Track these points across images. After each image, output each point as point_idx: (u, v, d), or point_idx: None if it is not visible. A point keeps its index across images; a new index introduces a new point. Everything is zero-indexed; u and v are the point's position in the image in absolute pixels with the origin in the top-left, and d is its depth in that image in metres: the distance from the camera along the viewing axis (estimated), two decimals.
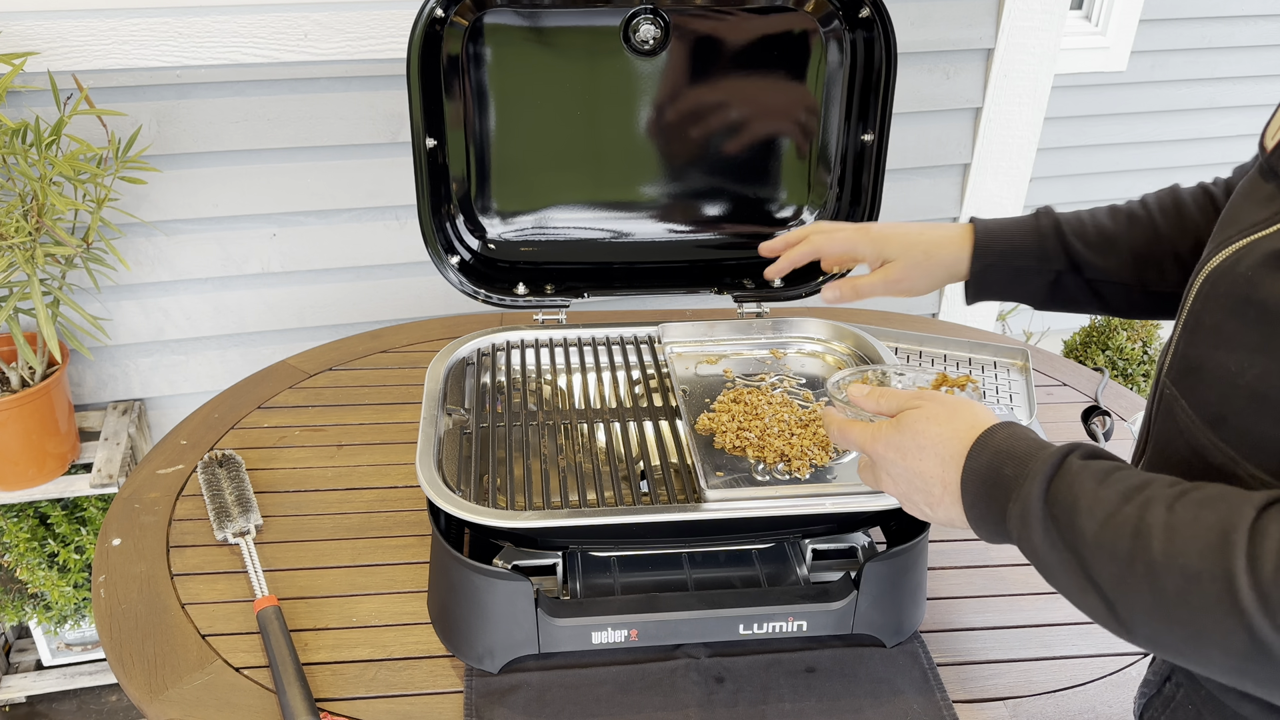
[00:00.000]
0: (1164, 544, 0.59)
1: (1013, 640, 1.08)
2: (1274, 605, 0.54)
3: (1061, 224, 1.04)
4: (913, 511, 0.80)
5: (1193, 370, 0.70)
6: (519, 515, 0.97)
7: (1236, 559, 0.56)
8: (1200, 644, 0.58)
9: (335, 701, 0.97)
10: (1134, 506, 0.62)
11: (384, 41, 1.73)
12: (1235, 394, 0.66)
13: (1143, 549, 0.60)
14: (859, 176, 1.29)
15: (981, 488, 0.72)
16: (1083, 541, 0.63)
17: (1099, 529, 0.63)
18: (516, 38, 1.20)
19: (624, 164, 1.29)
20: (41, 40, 1.61)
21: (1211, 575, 0.56)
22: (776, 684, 0.99)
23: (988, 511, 0.72)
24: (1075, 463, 0.67)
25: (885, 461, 0.80)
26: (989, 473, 0.71)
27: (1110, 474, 0.65)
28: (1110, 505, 0.63)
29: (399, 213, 1.91)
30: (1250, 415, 0.64)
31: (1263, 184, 0.70)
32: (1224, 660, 0.58)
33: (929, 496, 0.77)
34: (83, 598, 1.90)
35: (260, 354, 1.97)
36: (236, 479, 1.23)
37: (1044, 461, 0.68)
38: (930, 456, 0.76)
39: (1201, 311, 0.70)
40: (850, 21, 1.22)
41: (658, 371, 1.26)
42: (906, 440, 0.77)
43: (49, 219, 1.52)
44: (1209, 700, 0.74)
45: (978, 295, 1.08)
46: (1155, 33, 2.96)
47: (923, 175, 2.14)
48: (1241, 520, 0.57)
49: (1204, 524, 0.58)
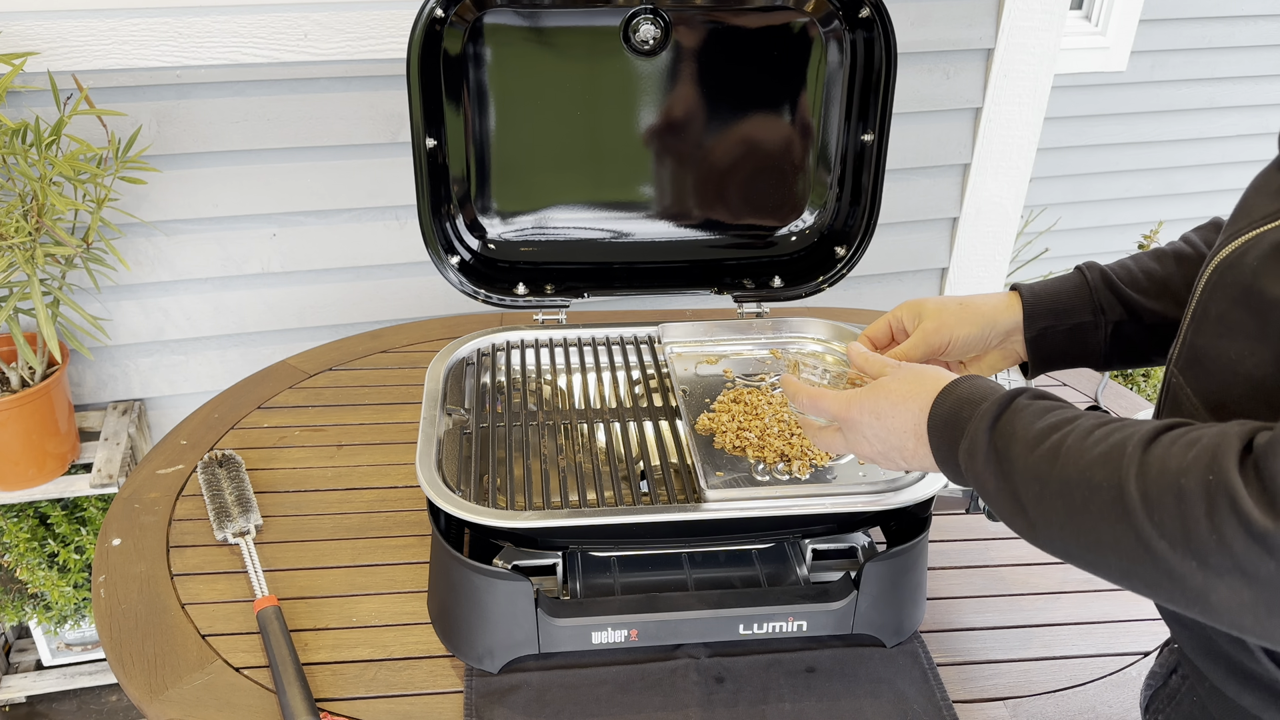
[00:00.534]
0: (1075, 463, 0.64)
1: (1013, 640, 1.08)
2: (1153, 505, 0.59)
3: (1108, 274, 1.00)
4: (889, 466, 0.85)
5: (1198, 360, 0.72)
6: (519, 515, 0.97)
7: (1129, 468, 0.61)
8: (1099, 549, 0.63)
9: (335, 701, 0.97)
10: (1059, 434, 0.67)
11: (384, 41, 1.73)
12: (1235, 381, 0.68)
13: (1060, 469, 0.65)
14: (859, 176, 1.29)
15: (943, 429, 0.77)
16: (1015, 468, 0.69)
17: (1028, 454, 0.68)
18: (516, 38, 1.20)
19: (624, 164, 1.29)
20: (41, 40, 1.61)
21: (1108, 484, 0.62)
22: (776, 684, 0.99)
23: (949, 453, 0.77)
24: (1021, 402, 0.72)
25: (860, 425, 0.84)
26: (950, 416, 0.77)
27: (1049, 410, 0.70)
28: (1042, 435, 0.68)
29: (399, 213, 1.91)
30: (1249, 402, 0.67)
31: (1276, 176, 0.72)
32: (1118, 563, 0.62)
33: (903, 450, 0.82)
34: (83, 598, 1.90)
35: (260, 354, 1.97)
36: (236, 479, 1.23)
37: (993, 403, 0.73)
38: (903, 411, 0.81)
39: (1209, 302, 0.72)
40: (850, 21, 1.22)
41: (658, 371, 1.26)
42: (881, 402, 0.82)
43: (49, 219, 1.52)
44: (1213, 693, 0.75)
45: (1040, 365, 1.02)
46: (1155, 33, 2.96)
47: (923, 175, 2.14)
48: (1138, 438, 0.62)
49: (1110, 443, 0.63)
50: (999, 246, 2.26)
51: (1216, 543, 0.56)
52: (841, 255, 1.32)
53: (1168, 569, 0.58)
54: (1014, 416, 0.71)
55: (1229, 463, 0.56)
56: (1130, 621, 1.10)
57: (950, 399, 0.78)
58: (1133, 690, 1.02)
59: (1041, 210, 3.09)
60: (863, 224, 1.29)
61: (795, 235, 1.35)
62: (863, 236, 1.30)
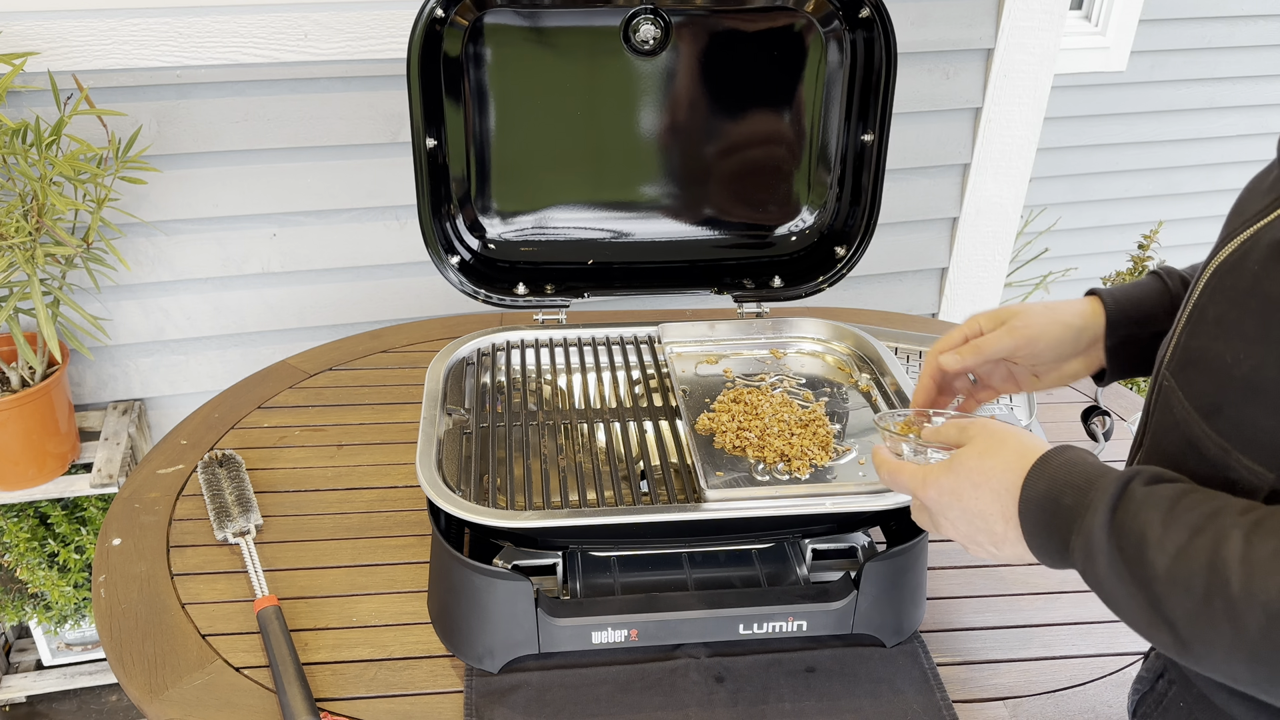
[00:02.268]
0: (1243, 580, 0.57)
1: (1013, 640, 1.08)
2: None
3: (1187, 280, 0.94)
4: (979, 554, 0.78)
5: (1191, 362, 0.70)
6: (519, 515, 0.97)
7: None
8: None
9: (335, 701, 0.97)
10: (1207, 539, 0.59)
11: (384, 41, 1.73)
12: (1231, 385, 0.65)
13: (1220, 585, 0.57)
14: (859, 176, 1.29)
15: (1041, 517, 0.70)
16: (1154, 577, 0.61)
17: (1171, 563, 0.60)
18: (516, 38, 1.20)
19: (624, 164, 1.29)
20: (41, 40, 1.61)
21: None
22: (776, 684, 0.99)
23: (1049, 541, 0.70)
24: (1139, 490, 0.65)
25: (941, 506, 0.78)
26: (1047, 502, 0.70)
27: (1178, 501, 0.62)
28: (1181, 538, 0.60)
29: (399, 213, 1.91)
30: (1244, 406, 0.64)
31: (1268, 174, 0.71)
32: None
33: (992, 535, 0.75)
34: (83, 598, 1.90)
35: (260, 354, 1.97)
36: (236, 479, 1.23)
37: (1106, 490, 0.66)
38: (986, 493, 0.74)
39: (1207, 304, 0.70)
40: (850, 21, 1.22)
41: (658, 371, 1.26)
42: (960, 481, 0.75)
43: (49, 219, 1.52)
44: (1200, 699, 0.74)
45: (1118, 373, 0.96)
46: (1155, 33, 2.96)
47: (923, 175, 2.14)
48: None
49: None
50: (999, 246, 2.26)
51: None
52: (841, 255, 1.32)
53: None
54: (1138, 510, 0.63)
55: None
56: None
57: (1044, 480, 0.70)
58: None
59: (1041, 210, 3.09)
60: (863, 224, 1.29)
61: (795, 235, 1.35)
62: (863, 236, 1.30)
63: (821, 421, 1.11)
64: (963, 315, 2.32)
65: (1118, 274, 2.41)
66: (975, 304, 2.32)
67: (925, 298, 2.31)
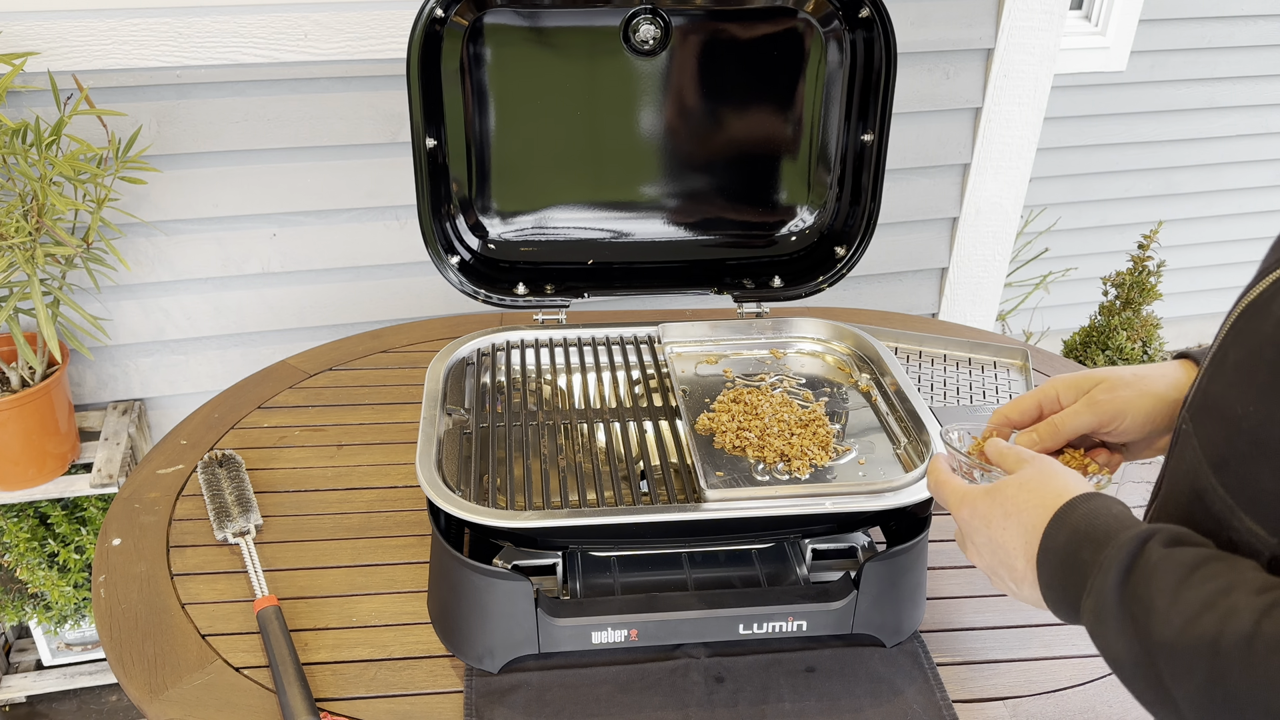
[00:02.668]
0: (1244, 670, 0.53)
1: (1013, 640, 1.08)
2: None
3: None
4: (1000, 588, 0.75)
5: (1208, 408, 0.65)
6: (519, 515, 0.97)
7: None
8: None
9: (335, 701, 0.97)
10: (1215, 616, 0.55)
11: (384, 41, 1.73)
12: (1238, 437, 0.61)
13: (1222, 672, 0.54)
14: (859, 176, 1.29)
15: (1058, 570, 0.67)
16: (1159, 651, 0.58)
17: (1176, 637, 0.57)
18: (516, 38, 1.20)
19: (624, 164, 1.29)
20: (41, 40, 1.61)
21: None
22: (776, 684, 0.99)
23: (1063, 596, 0.67)
24: (1156, 552, 0.61)
25: (970, 529, 0.75)
26: (1066, 554, 0.66)
27: (1194, 570, 0.58)
28: (1190, 611, 0.57)
29: (399, 213, 1.91)
30: (1250, 462, 0.60)
31: None
32: None
33: (1013, 572, 0.71)
34: (83, 598, 1.90)
35: (260, 354, 1.97)
36: (236, 479, 1.23)
37: (1120, 549, 0.62)
38: (1014, 527, 0.70)
39: (1229, 347, 0.64)
40: (850, 21, 1.22)
41: (658, 371, 1.26)
42: (994, 508, 0.72)
43: (49, 219, 1.52)
44: None
45: None
46: (1155, 33, 2.96)
47: (923, 175, 2.14)
48: None
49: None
50: (999, 246, 2.26)
51: None
52: (841, 255, 1.32)
53: None
54: (1151, 575, 0.60)
55: None
56: None
57: (1065, 530, 0.66)
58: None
59: (1041, 210, 3.09)
60: (863, 224, 1.29)
61: (795, 235, 1.35)
62: (863, 236, 1.30)
63: (821, 421, 1.11)
64: (963, 315, 2.32)
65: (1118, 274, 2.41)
66: (975, 303, 2.32)
67: (925, 298, 2.31)
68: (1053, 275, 3.11)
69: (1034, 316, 3.24)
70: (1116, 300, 2.42)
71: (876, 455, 1.08)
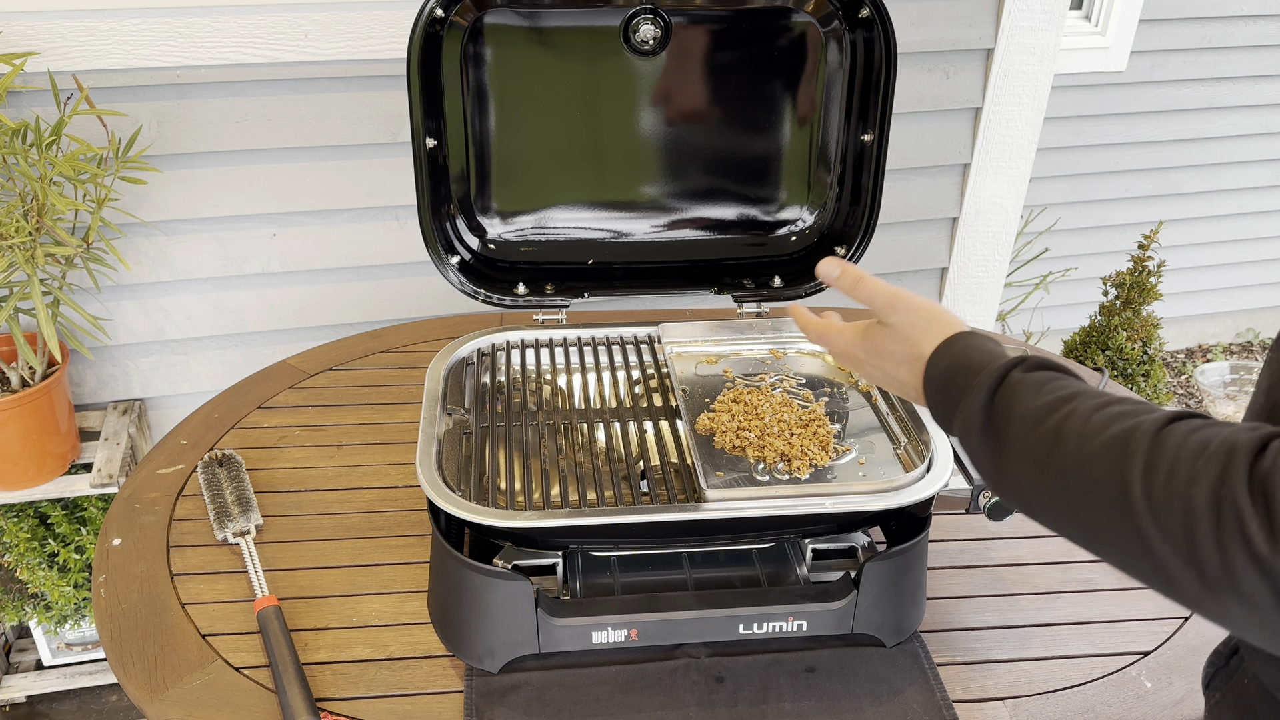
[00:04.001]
0: (1076, 452, 0.64)
1: (1013, 640, 1.08)
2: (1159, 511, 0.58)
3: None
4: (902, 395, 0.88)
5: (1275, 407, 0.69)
6: (519, 515, 0.97)
7: (1134, 466, 0.59)
8: (1098, 540, 0.63)
9: (335, 701, 0.97)
10: (1059, 416, 0.66)
11: (384, 41, 1.73)
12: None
13: (1058, 456, 0.65)
14: (859, 176, 1.29)
15: (939, 393, 0.79)
16: (1011, 449, 0.69)
17: (1025, 436, 0.68)
18: (516, 38, 1.20)
19: (624, 164, 1.29)
20: (41, 40, 1.61)
21: (1110, 480, 0.61)
22: (776, 684, 0.99)
23: (942, 415, 0.79)
24: (1017, 375, 0.72)
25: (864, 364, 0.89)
26: (945, 380, 0.79)
27: (1046, 384, 0.70)
28: (1040, 414, 0.68)
29: (399, 213, 1.91)
30: None
31: None
32: (1116, 556, 0.62)
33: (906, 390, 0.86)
34: (83, 598, 1.90)
35: (260, 354, 1.97)
36: (236, 479, 1.23)
37: (990, 375, 0.73)
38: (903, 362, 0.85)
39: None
40: (850, 21, 1.22)
41: (658, 371, 1.26)
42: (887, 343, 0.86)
43: (49, 219, 1.52)
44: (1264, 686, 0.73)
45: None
46: (1155, 33, 2.96)
47: (923, 175, 2.14)
48: (1144, 431, 0.61)
49: (1113, 433, 0.62)
50: (999, 246, 2.26)
51: (1219, 561, 0.54)
52: (841, 255, 1.32)
53: (1167, 573, 0.58)
54: (1011, 392, 0.71)
55: (1238, 477, 0.54)
56: (1130, 621, 1.10)
57: (945, 359, 0.80)
58: (1132, 691, 1.02)
59: (1041, 210, 3.09)
60: (863, 224, 1.29)
61: (795, 235, 1.35)
62: (863, 236, 1.30)
63: (821, 421, 1.11)
64: (963, 315, 2.32)
65: (1118, 274, 2.41)
66: (975, 303, 2.32)
67: (924, 295, 2.31)
68: (1053, 275, 3.11)
69: (1034, 316, 3.24)
70: (1116, 300, 2.42)
71: (876, 455, 1.08)
